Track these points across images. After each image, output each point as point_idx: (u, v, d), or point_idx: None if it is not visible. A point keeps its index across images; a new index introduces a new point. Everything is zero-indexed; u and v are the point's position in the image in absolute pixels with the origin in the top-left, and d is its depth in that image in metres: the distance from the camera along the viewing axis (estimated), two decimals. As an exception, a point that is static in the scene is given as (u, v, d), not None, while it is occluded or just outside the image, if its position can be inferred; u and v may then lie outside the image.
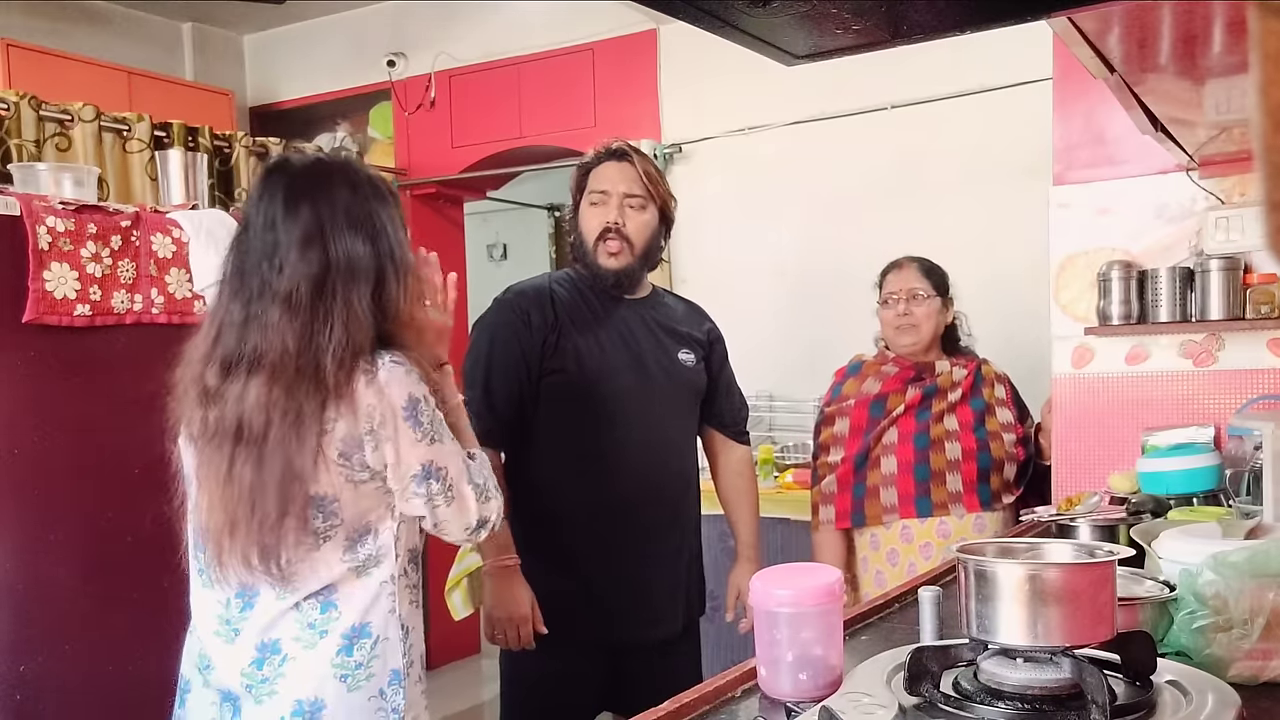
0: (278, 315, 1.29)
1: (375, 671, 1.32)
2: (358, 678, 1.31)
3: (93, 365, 2.00)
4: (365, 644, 1.32)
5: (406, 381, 1.32)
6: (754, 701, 1.11)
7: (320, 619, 1.31)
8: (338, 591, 1.32)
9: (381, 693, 1.33)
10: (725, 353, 2.23)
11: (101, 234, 1.99)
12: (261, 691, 1.31)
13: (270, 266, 1.31)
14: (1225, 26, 1.19)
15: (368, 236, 1.34)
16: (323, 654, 1.31)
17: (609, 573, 1.98)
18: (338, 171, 1.38)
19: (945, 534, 2.26)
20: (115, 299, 2.02)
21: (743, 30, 1.01)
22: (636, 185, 1.99)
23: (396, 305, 1.36)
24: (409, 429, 1.31)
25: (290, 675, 1.30)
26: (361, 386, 1.29)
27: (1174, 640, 1.17)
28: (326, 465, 1.29)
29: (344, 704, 1.30)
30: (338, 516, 1.31)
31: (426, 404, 1.34)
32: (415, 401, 1.32)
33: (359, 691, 1.31)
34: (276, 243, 1.32)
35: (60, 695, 1.93)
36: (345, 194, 1.35)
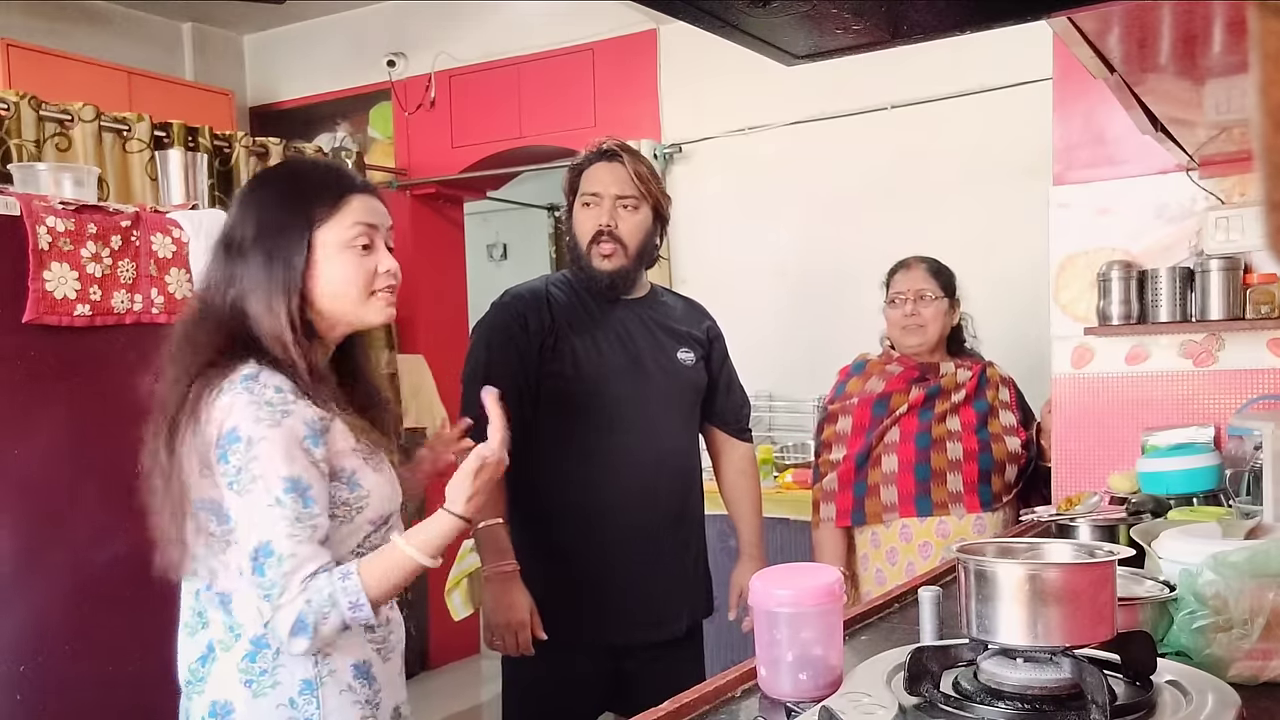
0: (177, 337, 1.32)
1: (281, 680, 1.29)
2: (263, 684, 1.29)
3: (93, 365, 2.00)
4: (267, 653, 1.29)
5: (241, 412, 1.23)
6: (754, 701, 1.11)
7: (235, 622, 1.30)
8: (233, 599, 1.30)
9: (292, 702, 1.29)
10: (725, 350, 2.22)
11: (101, 234, 1.99)
12: (194, 689, 1.33)
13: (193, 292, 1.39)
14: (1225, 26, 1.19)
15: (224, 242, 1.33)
16: (233, 658, 1.30)
17: (610, 574, 1.98)
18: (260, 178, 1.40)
19: (945, 534, 2.26)
20: (115, 299, 2.02)
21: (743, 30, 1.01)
22: (628, 186, 1.99)
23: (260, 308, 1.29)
24: (216, 458, 1.24)
25: (213, 677, 1.31)
26: (205, 401, 1.25)
27: (1174, 640, 1.17)
28: (198, 471, 1.26)
29: (251, 709, 1.28)
30: (230, 520, 1.27)
31: (246, 448, 1.22)
32: (233, 437, 1.23)
33: (265, 698, 1.29)
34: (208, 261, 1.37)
35: (60, 695, 1.93)
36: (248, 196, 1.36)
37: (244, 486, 1.23)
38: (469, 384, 1.99)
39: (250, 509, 1.23)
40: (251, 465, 1.22)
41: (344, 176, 1.38)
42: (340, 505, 1.31)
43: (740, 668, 1.16)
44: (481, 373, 1.97)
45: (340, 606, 1.23)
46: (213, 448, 1.24)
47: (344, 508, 1.31)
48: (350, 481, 1.32)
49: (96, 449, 2.02)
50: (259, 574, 1.22)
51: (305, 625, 1.22)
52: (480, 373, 1.98)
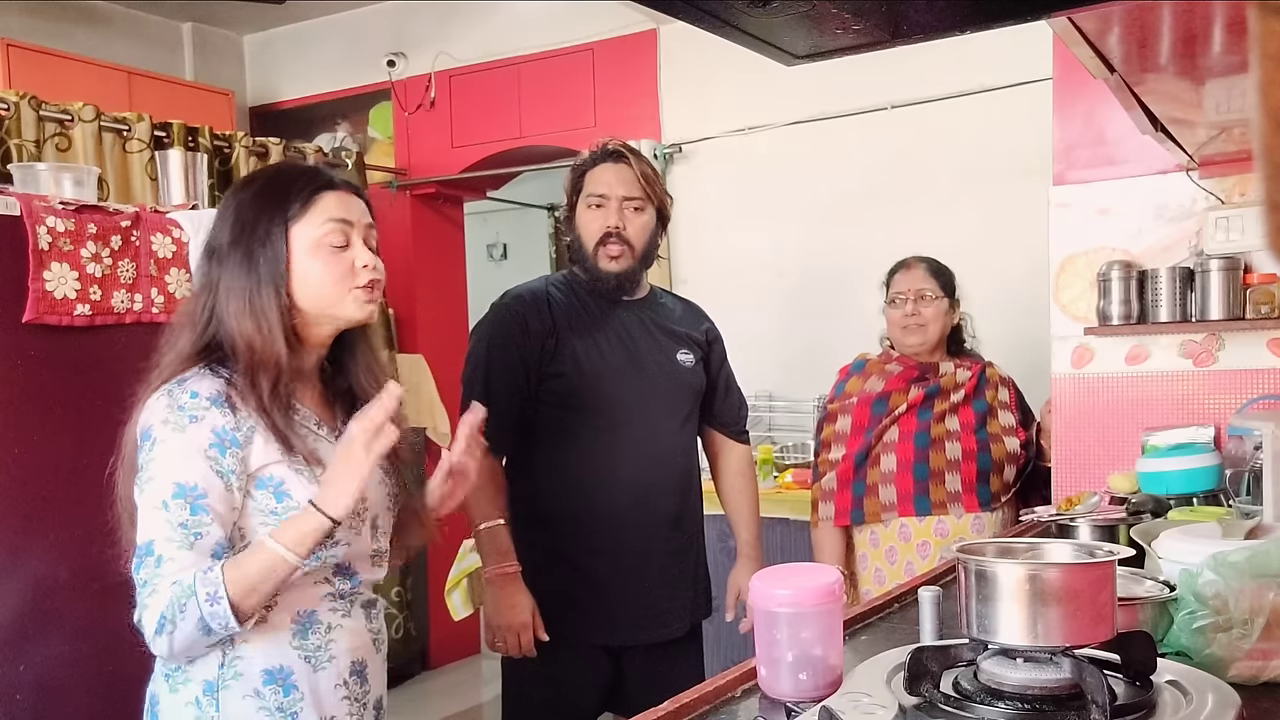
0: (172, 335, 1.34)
1: (191, 678, 1.29)
2: (177, 679, 1.30)
3: (93, 365, 2.00)
4: None
5: (155, 413, 1.26)
6: (754, 701, 1.11)
7: None
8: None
9: (197, 700, 1.28)
10: (724, 352, 2.22)
11: (101, 234, 1.99)
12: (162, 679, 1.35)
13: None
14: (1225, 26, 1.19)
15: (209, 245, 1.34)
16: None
17: (610, 575, 1.98)
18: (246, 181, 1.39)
19: (943, 533, 2.26)
20: (115, 299, 2.02)
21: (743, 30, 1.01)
22: (635, 187, 1.99)
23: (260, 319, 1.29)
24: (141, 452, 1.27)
25: (153, 670, 1.35)
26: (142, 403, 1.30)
27: (1174, 640, 1.17)
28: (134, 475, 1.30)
29: (168, 702, 1.30)
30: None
31: (150, 448, 1.25)
32: (146, 437, 1.26)
33: (178, 694, 1.29)
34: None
35: (60, 695, 1.93)
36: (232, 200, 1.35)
37: (142, 487, 1.25)
38: (469, 384, 1.99)
39: (143, 509, 1.24)
40: (150, 466, 1.24)
41: (318, 174, 1.37)
42: (269, 514, 1.28)
43: (740, 668, 1.16)
44: (482, 373, 1.98)
45: (197, 598, 1.18)
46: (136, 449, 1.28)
47: (273, 515, 1.28)
48: (277, 491, 1.29)
49: (96, 449, 2.01)
50: (136, 572, 1.23)
51: (163, 621, 1.19)
52: (480, 373, 1.98)
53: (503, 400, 1.95)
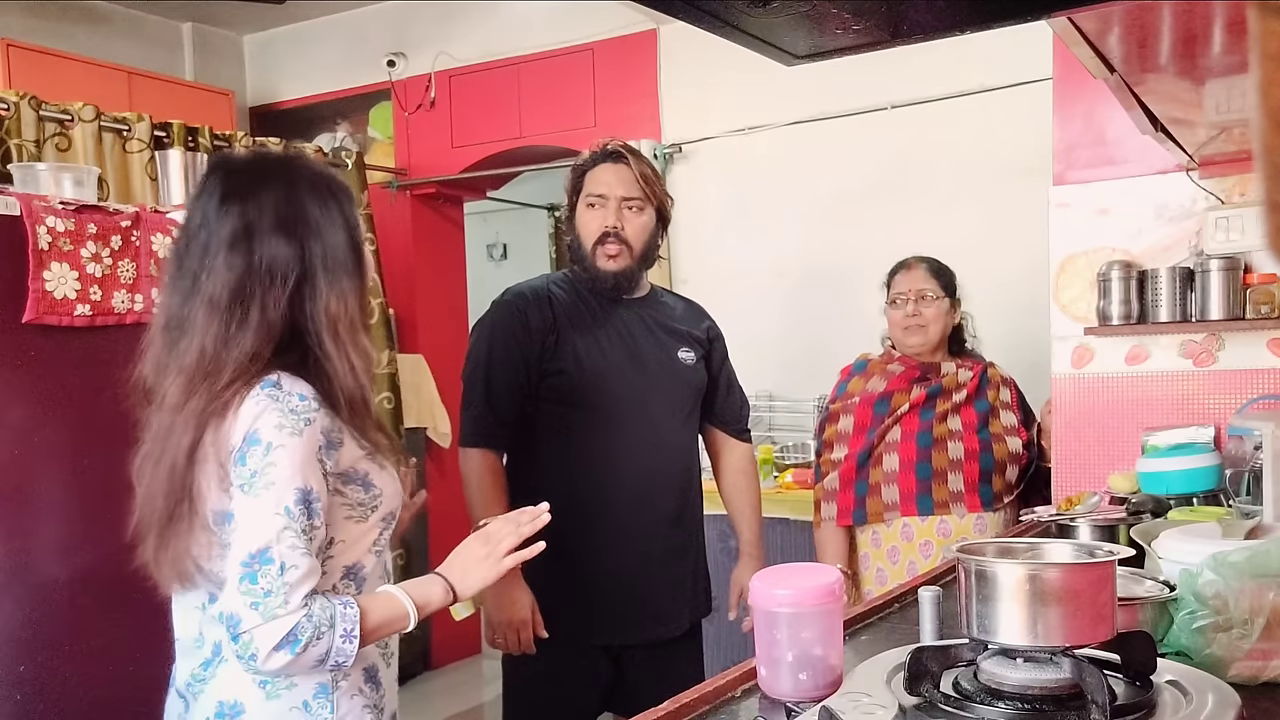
0: (202, 316, 1.25)
1: (297, 682, 1.27)
2: (277, 685, 1.27)
3: (93, 365, 2.00)
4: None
5: (262, 417, 1.21)
6: (754, 701, 1.11)
7: None
8: None
9: (305, 705, 1.28)
10: (725, 350, 2.23)
11: (101, 234, 1.99)
12: (196, 690, 1.31)
13: (200, 267, 1.26)
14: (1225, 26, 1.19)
15: (296, 239, 1.27)
16: None
17: (610, 573, 1.98)
18: (277, 169, 1.32)
19: (945, 533, 2.26)
20: (115, 299, 2.02)
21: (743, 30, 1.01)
22: (634, 187, 1.99)
23: (329, 312, 1.28)
24: (235, 459, 1.22)
25: (219, 677, 1.29)
26: (235, 404, 1.23)
27: (1174, 640, 1.17)
28: (214, 482, 1.24)
29: (263, 711, 1.27)
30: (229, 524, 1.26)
31: (264, 453, 1.20)
32: (253, 440, 1.21)
33: (278, 700, 1.27)
34: (208, 242, 1.26)
35: (60, 695, 1.93)
36: (278, 194, 1.29)
37: (255, 490, 1.20)
38: (470, 381, 1.99)
39: (255, 513, 1.20)
40: (268, 471, 1.20)
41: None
42: (357, 506, 1.32)
43: (740, 668, 1.16)
44: (483, 371, 1.98)
45: (336, 630, 1.20)
46: (234, 452, 1.22)
47: (360, 508, 1.32)
48: (365, 482, 1.33)
49: (97, 449, 2.02)
50: (250, 580, 1.18)
51: (297, 641, 1.18)
52: (481, 371, 1.98)
53: (504, 397, 1.95)
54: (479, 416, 1.97)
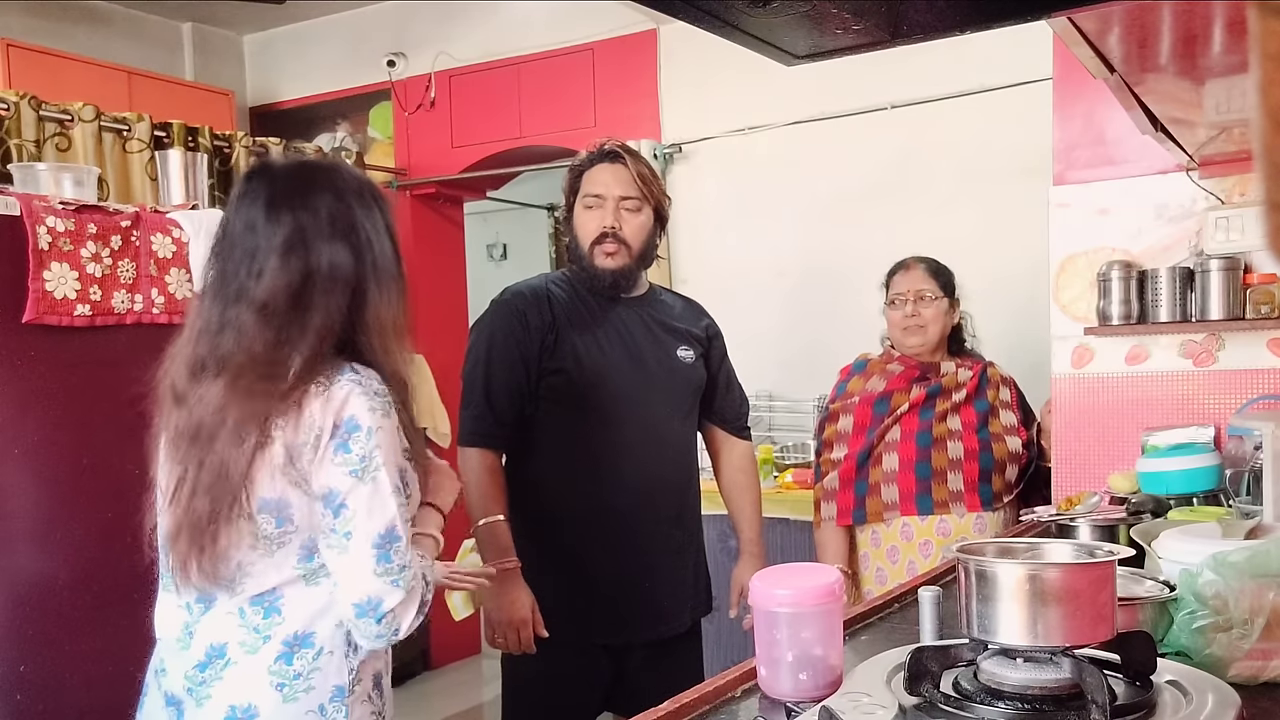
0: (252, 321, 1.26)
1: (315, 685, 1.28)
2: (295, 688, 1.27)
3: (93, 365, 2.00)
4: (307, 654, 1.28)
5: (356, 403, 1.25)
6: (754, 701, 1.11)
7: (263, 624, 1.28)
8: (283, 596, 1.29)
9: (321, 708, 1.28)
10: (724, 348, 2.23)
11: (101, 234, 1.99)
12: (200, 694, 1.29)
13: (249, 272, 1.28)
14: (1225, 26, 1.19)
15: (351, 245, 1.30)
16: (262, 660, 1.27)
17: (610, 572, 1.98)
18: (323, 176, 1.34)
19: (945, 533, 2.26)
20: (115, 299, 2.02)
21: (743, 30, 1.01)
22: (631, 187, 1.99)
23: (380, 317, 1.32)
24: (333, 449, 1.24)
25: (228, 679, 1.28)
26: (310, 396, 1.24)
27: (1174, 640, 1.17)
28: (273, 471, 1.25)
29: (279, 714, 1.26)
30: (292, 523, 1.27)
31: (368, 437, 1.24)
32: (354, 426, 1.24)
33: (295, 703, 1.27)
34: (256, 247, 1.28)
35: (60, 695, 1.93)
36: (329, 200, 1.31)
37: (369, 474, 1.24)
38: (470, 380, 2.00)
39: (375, 497, 1.24)
40: (375, 454, 1.25)
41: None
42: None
43: (740, 668, 1.16)
44: (482, 370, 1.98)
45: (427, 579, 1.30)
46: (324, 437, 1.23)
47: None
48: (404, 479, 1.35)
49: (96, 449, 2.02)
50: (385, 560, 1.24)
51: (426, 604, 1.28)
52: (481, 370, 1.98)
53: (503, 396, 1.95)
54: (478, 416, 1.97)
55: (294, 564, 1.28)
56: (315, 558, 1.29)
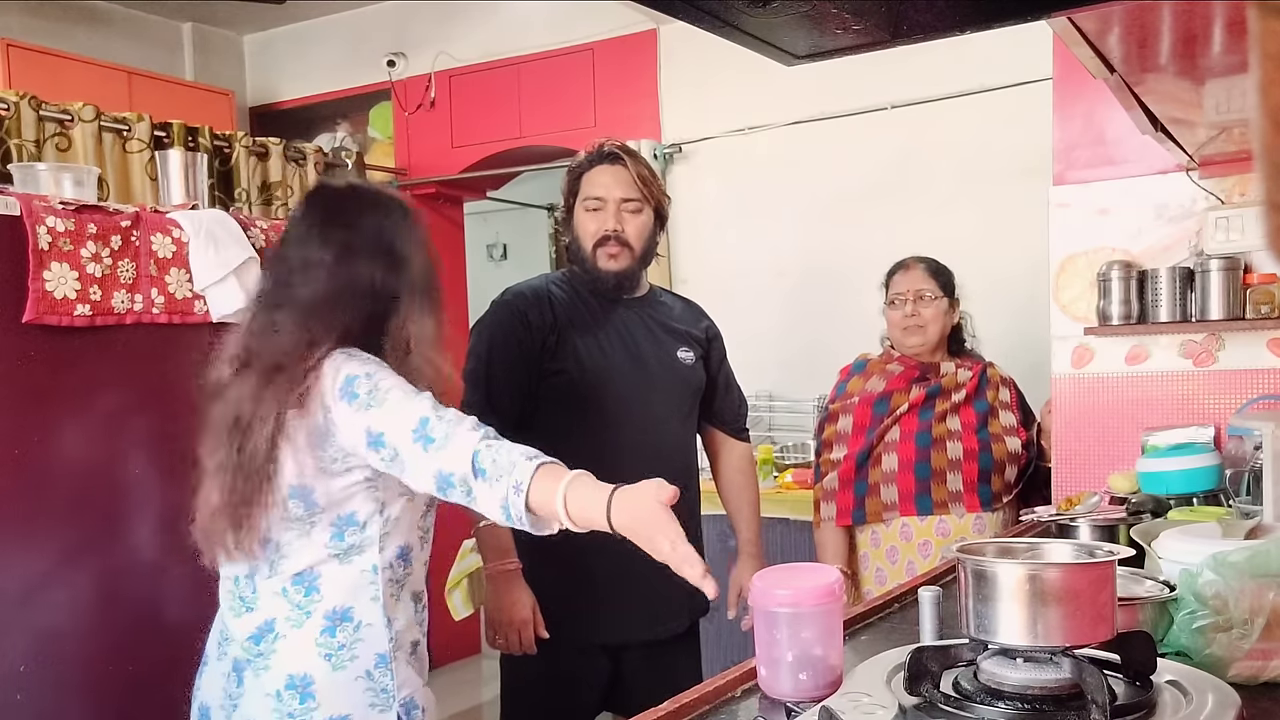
0: (293, 324, 1.39)
1: (359, 654, 1.40)
2: (341, 658, 1.39)
3: (93, 365, 2.00)
4: (347, 627, 1.40)
5: (346, 365, 1.37)
6: (754, 701, 1.11)
7: (304, 600, 1.40)
8: (320, 575, 1.40)
9: (368, 674, 1.40)
10: (724, 350, 2.23)
11: (101, 234, 1.99)
12: (259, 665, 1.40)
13: (300, 281, 1.42)
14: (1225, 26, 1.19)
15: (390, 264, 1.44)
16: (308, 634, 1.39)
17: (610, 573, 1.97)
18: (370, 200, 1.50)
19: (945, 533, 2.26)
20: (115, 299, 2.02)
21: (743, 30, 1.01)
22: (631, 189, 1.99)
23: (410, 328, 1.44)
24: (344, 405, 1.35)
25: (281, 651, 1.39)
26: (316, 380, 1.37)
27: (1174, 640, 1.17)
28: (301, 458, 1.36)
29: (331, 681, 1.38)
30: (318, 505, 1.38)
31: (367, 379, 1.35)
32: (351, 379, 1.35)
33: (344, 671, 1.39)
34: (307, 260, 1.43)
35: (60, 695, 1.93)
36: (375, 221, 1.46)
37: (380, 399, 1.33)
38: (471, 381, 1.99)
39: (394, 408, 1.32)
40: (380, 384, 1.34)
41: None
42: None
43: (740, 668, 1.16)
44: (483, 371, 1.98)
45: (511, 479, 1.25)
46: (335, 404, 1.34)
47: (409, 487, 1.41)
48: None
49: (97, 449, 2.02)
50: (427, 443, 1.29)
51: (483, 470, 1.26)
52: (482, 371, 1.98)
53: (504, 396, 1.95)
54: (481, 416, 1.97)
55: (326, 543, 1.39)
56: (347, 536, 1.40)
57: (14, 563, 1.88)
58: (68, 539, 1.96)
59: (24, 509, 1.90)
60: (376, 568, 1.41)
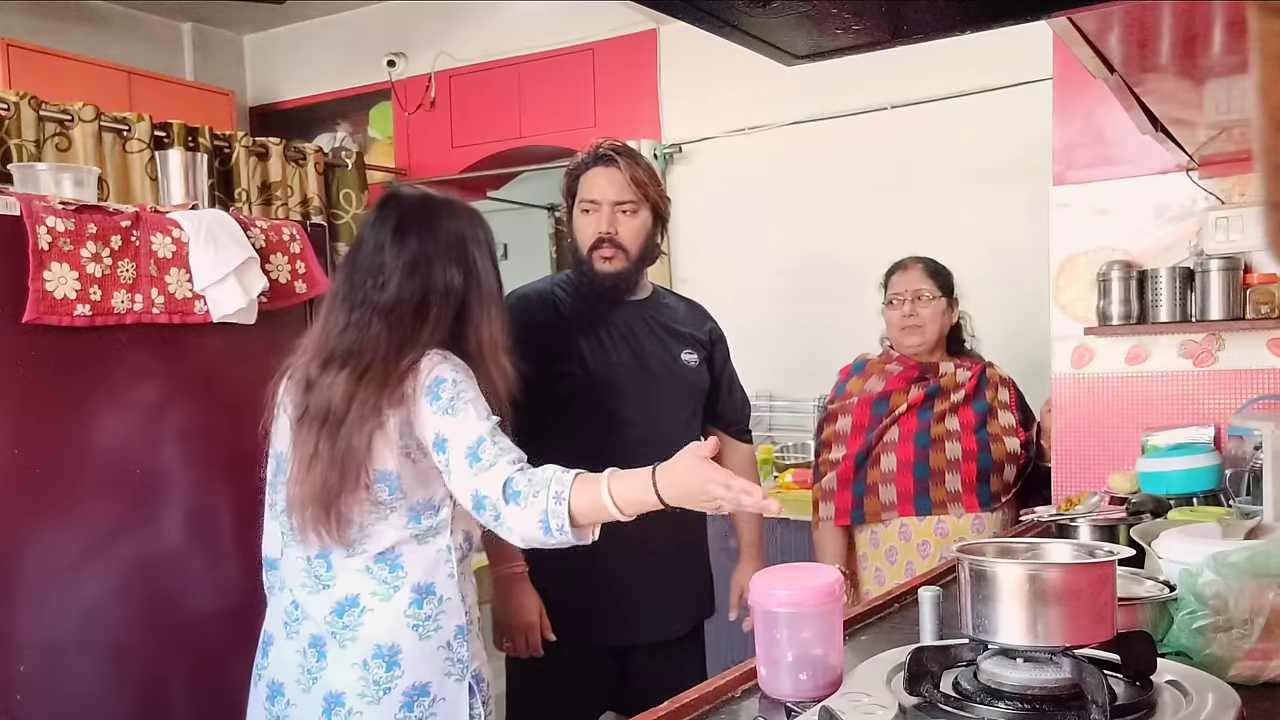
0: (377, 325, 1.50)
1: (442, 625, 1.51)
2: (427, 628, 1.50)
3: (93, 365, 2.00)
4: (433, 600, 1.51)
5: (440, 367, 1.47)
6: (754, 701, 1.11)
7: (390, 576, 1.50)
8: (402, 554, 1.50)
9: (449, 644, 1.51)
10: (727, 352, 2.22)
11: (101, 234, 1.99)
12: (345, 637, 1.49)
13: (374, 284, 1.52)
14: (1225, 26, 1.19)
15: (463, 270, 1.55)
16: (396, 606, 1.49)
17: (614, 574, 1.97)
18: (442, 207, 1.60)
19: (943, 533, 2.26)
20: (115, 299, 2.02)
21: (743, 30, 1.01)
22: (626, 191, 1.98)
23: (479, 332, 1.55)
24: (426, 402, 1.46)
25: (369, 624, 1.48)
26: (409, 385, 1.47)
27: (1174, 640, 1.17)
28: (390, 447, 1.47)
29: (417, 650, 1.49)
30: (401, 491, 1.49)
31: (453, 385, 1.46)
32: (440, 380, 1.46)
33: (429, 640, 1.50)
34: (383, 264, 1.53)
35: (60, 695, 1.93)
36: (449, 229, 1.57)
37: (457, 409, 1.45)
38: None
39: (462, 423, 1.44)
40: (462, 394, 1.46)
41: None
42: None
43: (740, 668, 1.16)
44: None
45: (550, 490, 1.38)
46: (420, 397, 1.45)
47: None
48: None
49: (97, 449, 2.02)
50: (474, 460, 1.42)
51: (517, 494, 1.39)
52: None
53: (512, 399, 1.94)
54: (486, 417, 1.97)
55: (405, 525, 1.50)
56: (423, 519, 1.51)
57: (12, 562, 1.88)
58: (66, 538, 1.96)
59: (23, 508, 1.90)
60: (450, 548, 1.53)
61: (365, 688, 1.47)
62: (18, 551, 1.89)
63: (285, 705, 1.53)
